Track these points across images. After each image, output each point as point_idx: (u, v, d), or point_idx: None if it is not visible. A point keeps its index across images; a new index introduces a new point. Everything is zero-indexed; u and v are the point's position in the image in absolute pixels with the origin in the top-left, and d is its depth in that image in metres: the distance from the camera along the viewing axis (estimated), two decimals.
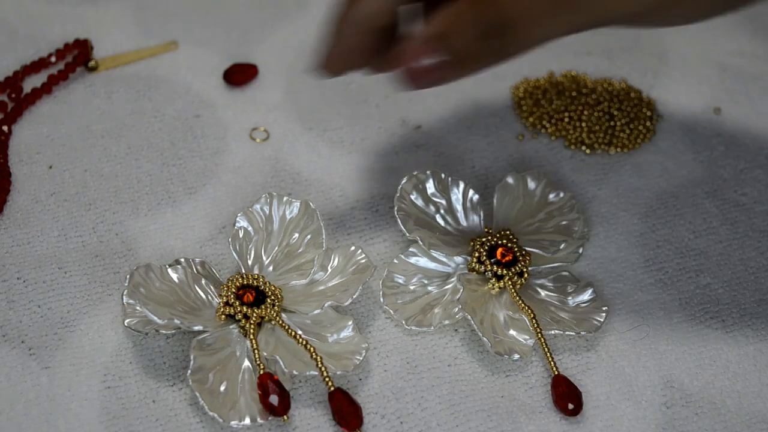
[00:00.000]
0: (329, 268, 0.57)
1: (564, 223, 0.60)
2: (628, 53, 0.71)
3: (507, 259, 0.58)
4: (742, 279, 0.60)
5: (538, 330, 0.56)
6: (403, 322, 0.57)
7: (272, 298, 0.55)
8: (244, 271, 0.57)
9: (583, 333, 0.56)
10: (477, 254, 0.58)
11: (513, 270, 0.58)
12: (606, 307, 0.57)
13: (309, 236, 0.58)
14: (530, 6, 0.48)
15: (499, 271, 0.58)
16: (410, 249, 0.59)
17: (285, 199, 0.59)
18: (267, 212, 0.58)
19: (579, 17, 0.49)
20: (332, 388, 0.53)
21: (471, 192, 0.60)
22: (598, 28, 0.51)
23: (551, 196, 0.61)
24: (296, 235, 0.58)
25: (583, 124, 0.66)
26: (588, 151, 0.65)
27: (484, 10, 0.49)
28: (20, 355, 0.55)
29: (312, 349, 0.53)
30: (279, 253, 0.58)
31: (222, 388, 0.53)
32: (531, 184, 0.61)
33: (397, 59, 0.50)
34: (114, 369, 0.55)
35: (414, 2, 0.53)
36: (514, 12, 0.48)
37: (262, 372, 0.53)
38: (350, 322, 0.55)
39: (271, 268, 0.57)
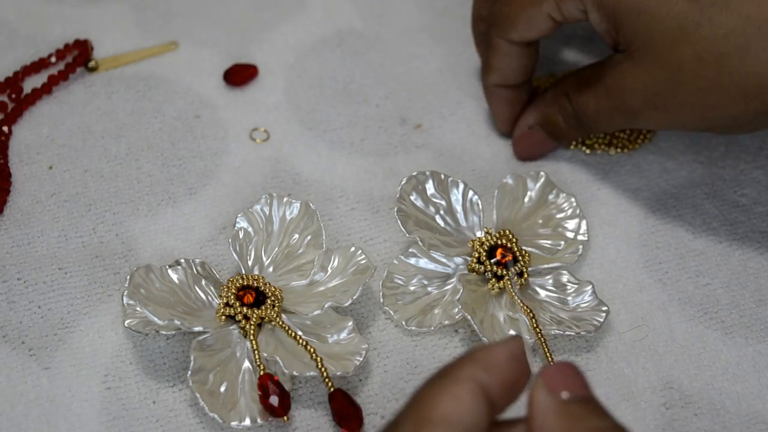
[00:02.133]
0: (329, 268, 0.57)
1: (563, 223, 0.60)
2: None
3: (507, 259, 0.58)
4: (741, 279, 0.60)
5: (538, 330, 0.56)
6: (403, 323, 0.57)
7: (272, 298, 0.55)
8: (244, 272, 0.57)
9: (582, 333, 0.56)
10: (477, 254, 0.58)
11: (513, 270, 0.58)
12: (606, 308, 0.57)
13: (309, 237, 0.58)
14: (597, 110, 0.60)
15: (499, 272, 0.58)
16: (410, 250, 0.59)
17: (285, 199, 0.59)
18: (267, 213, 0.58)
19: (638, 124, 0.60)
20: (332, 389, 0.53)
21: (471, 192, 0.60)
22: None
23: (551, 196, 0.61)
24: (296, 235, 0.58)
25: None
26: (588, 151, 0.65)
27: (567, 107, 0.62)
28: (20, 356, 0.55)
29: (312, 349, 0.53)
30: (279, 254, 0.58)
31: (222, 388, 0.53)
32: (530, 185, 0.61)
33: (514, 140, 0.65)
34: (114, 370, 0.55)
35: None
36: (586, 113, 0.61)
37: (262, 373, 0.53)
38: (350, 323, 0.55)
39: (271, 268, 0.57)
